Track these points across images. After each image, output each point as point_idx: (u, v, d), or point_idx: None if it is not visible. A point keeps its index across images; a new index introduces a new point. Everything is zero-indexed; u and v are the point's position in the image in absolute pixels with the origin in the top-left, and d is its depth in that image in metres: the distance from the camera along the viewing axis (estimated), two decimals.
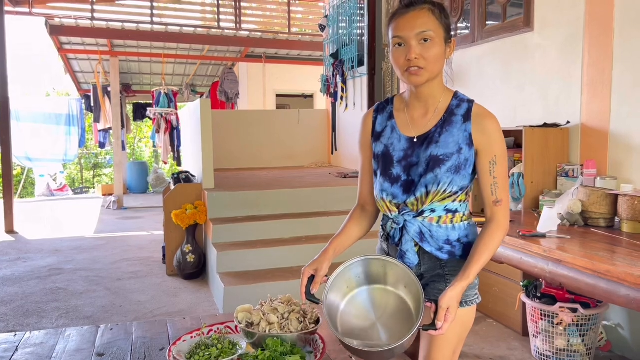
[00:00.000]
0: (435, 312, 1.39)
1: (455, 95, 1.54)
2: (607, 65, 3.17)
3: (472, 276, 1.43)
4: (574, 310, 2.87)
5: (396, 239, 1.56)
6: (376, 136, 1.61)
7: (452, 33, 1.46)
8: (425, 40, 1.42)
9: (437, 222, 1.52)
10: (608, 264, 1.98)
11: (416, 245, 1.54)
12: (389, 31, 1.48)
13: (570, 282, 2.17)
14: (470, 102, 1.52)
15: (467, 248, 1.54)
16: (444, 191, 1.48)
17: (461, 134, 1.48)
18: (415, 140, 1.53)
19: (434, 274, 1.57)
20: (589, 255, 2.12)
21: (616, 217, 2.70)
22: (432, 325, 1.38)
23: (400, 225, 1.54)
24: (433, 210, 1.51)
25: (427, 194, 1.49)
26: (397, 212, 1.55)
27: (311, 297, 1.49)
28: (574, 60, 3.43)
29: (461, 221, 1.55)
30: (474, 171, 1.52)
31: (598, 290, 2.03)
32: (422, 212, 1.51)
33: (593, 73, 3.28)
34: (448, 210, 1.52)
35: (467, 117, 1.49)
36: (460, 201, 1.53)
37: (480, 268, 1.46)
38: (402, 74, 1.46)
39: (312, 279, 1.53)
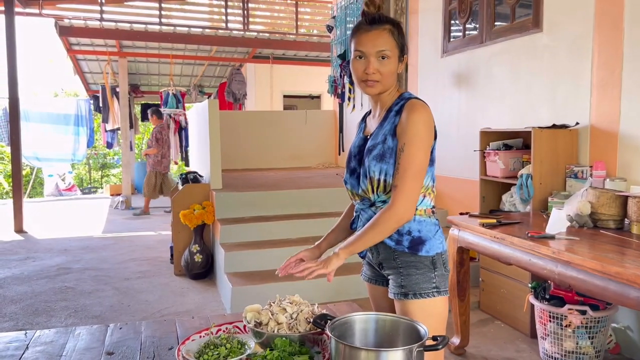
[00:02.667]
0: None
1: (401, 96, 1.67)
2: (617, 65, 3.15)
3: (347, 243, 1.58)
4: (583, 312, 2.85)
5: (354, 225, 1.78)
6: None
7: (405, 52, 1.66)
8: (383, 58, 1.59)
9: None
10: (618, 266, 1.97)
11: None
12: (351, 41, 1.65)
13: (580, 284, 2.16)
14: (409, 99, 1.64)
15: (415, 241, 1.61)
16: (378, 180, 1.60)
17: (389, 126, 1.63)
18: (367, 137, 1.72)
19: (390, 266, 1.66)
20: (598, 257, 2.10)
21: (626, 219, 2.68)
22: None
23: (357, 213, 1.76)
24: (383, 202, 1.63)
25: (367, 182, 1.63)
26: (360, 201, 1.72)
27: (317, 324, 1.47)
28: (583, 61, 3.41)
29: (415, 215, 1.62)
30: None
31: (608, 292, 2.02)
32: (374, 202, 1.65)
33: (603, 74, 3.26)
34: None
35: (399, 111, 1.62)
36: None
37: (361, 241, 1.57)
38: (359, 83, 1.64)
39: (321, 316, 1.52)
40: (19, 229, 7.48)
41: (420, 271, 1.61)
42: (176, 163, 10.51)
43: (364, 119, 1.83)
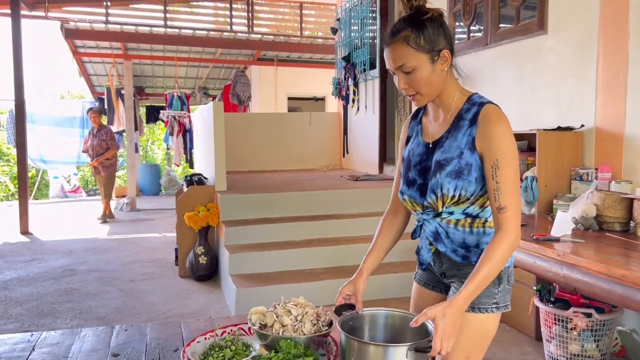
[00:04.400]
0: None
1: (469, 99, 1.52)
2: (622, 67, 3.14)
3: (470, 291, 1.37)
4: (588, 315, 2.84)
5: (416, 235, 1.64)
6: (408, 140, 1.67)
7: (440, 47, 1.47)
8: (407, 72, 1.46)
9: (455, 225, 1.52)
10: (623, 269, 1.96)
11: (431, 244, 1.57)
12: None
13: (585, 287, 2.15)
14: (482, 105, 1.49)
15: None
16: (453, 196, 1.47)
17: (465, 138, 1.47)
18: (430, 145, 1.57)
19: (453, 275, 1.58)
20: (603, 260, 2.10)
21: (631, 222, 2.67)
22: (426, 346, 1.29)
23: (420, 223, 1.60)
24: (451, 213, 1.51)
25: (437, 197, 1.49)
26: (421, 211, 1.58)
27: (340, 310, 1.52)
28: (588, 63, 3.40)
29: (483, 227, 1.52)
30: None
31: (613, 295, 2.02)
32: (440, 213, 1.52)
33: (608, 76, 3.25)
34: (467, 215, 1.51)
35: (473, 121, 1.47)
36: (482, 206, 1.50)
37: (483, 281, 1.38)
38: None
39: (344, 307, 1.55)
40: (25, 231, 7.52)
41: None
42: (178, 165, 10.52)
43: (417, 119, 1.66)
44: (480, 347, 1.54)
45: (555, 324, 2.97)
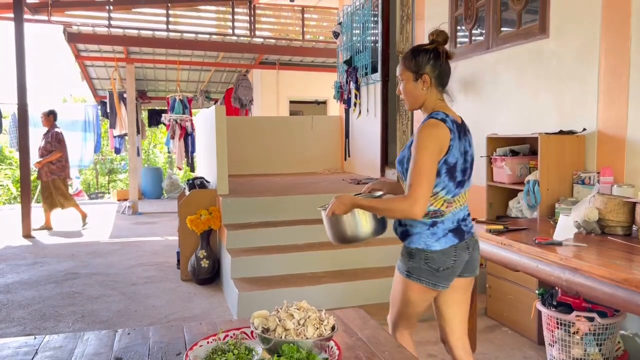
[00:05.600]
0: None
1: (429, 115, 2.01)
2: (624, 72, 3.14)
3: (361, 202, 2.03)
4: (591, 319, 2.84)
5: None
6: None
7: (423, 72, 2.02)
8: (401, 81, 2.07)
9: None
10: (626, 273, 1.96)
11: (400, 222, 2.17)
12: None
13: (587, 291, 2.15)
14: (428, 119, 1.98)
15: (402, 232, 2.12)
16: (404, 181, 2.05)
17: (412, 139, 2.01)
18: None
19: None
20: (606, 264, 2.10)
21: (634, 225, 2.66)
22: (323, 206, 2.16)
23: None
24: None
25: (402, 182, 2.14)
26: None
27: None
28: (590, 67, 3.41)
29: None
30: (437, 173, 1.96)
31: (616, 299, 2.01)
32: None
33: (609, 80, 3.25)
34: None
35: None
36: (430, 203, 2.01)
37: (372, 207, 2.00)
38: None
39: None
40: (27, 234, 7.53)
41: (403, 256, 2.12)
42: (180, 168, 10.53)
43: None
44: (404, 304, 2.14)
45: (558, 328, 2.97)
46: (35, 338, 1.78)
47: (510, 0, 4.13)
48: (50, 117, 7.90)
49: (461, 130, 2.03)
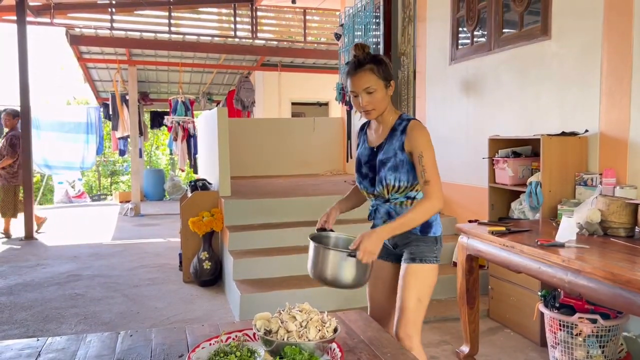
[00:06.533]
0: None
1: (400, 117, 2.15)
2: (626, 73, 3.14)
3: (393, 227, 1.97)
4: (594, 321, 2.83)
5: (371, 217, 2.27)
6: (358, 146, 2.33)
7: (390, 80, 2.11)
8: (370, 92, 2.05)
9: (401, 206, 2.15)
10: (629, 274, 1.96)
11: (385, 221, 2.16)
12: (345, 83, 2.16)
13: (590, 293, 2.15)
14: (409, 120, 2.11)
15: (425, 226, 2.14)
16: (394, 186, 2.10)
17: (398, 143, 2.10)
18: (374, 149, 2.19)
19: (403, 243, 2.18)
20: (609, 266, 2.09)
21: (636, 227, 2.66)
22: (353, 252, 1.90)
23: (374, 208, 2.24)
24: (396, 198, 2.14)
25: (383, 187, 2.12)
26: (374, 198, 2.23)
27: (320, 230, 2.25)
28: (592, 69, 3.40)
29: None
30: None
31: (618, 301, 2.01)
32: (389, 199, 2.15)
33: (612, 82, 3.25)
34: (408, 197, 2.13)
35: (403, 131, 2.10)
36: (417, 191, 2.12)
37: (405, 224, 1.98)
38: (361, 113, 2.13)
39: (321, 230, 2.28)
40: (29, 236, 7.54)
41: (428, 245, 2.15)
42: (182, 170, 10.53)
43: (363, 131, 2.31)
44: (426, 293, 2.14)
45: (561, 329, 2.96)
46: (37, 340, 1.78)
47: (512, 1, 4.13)
48: (16, 119, 7.59)
49: None
